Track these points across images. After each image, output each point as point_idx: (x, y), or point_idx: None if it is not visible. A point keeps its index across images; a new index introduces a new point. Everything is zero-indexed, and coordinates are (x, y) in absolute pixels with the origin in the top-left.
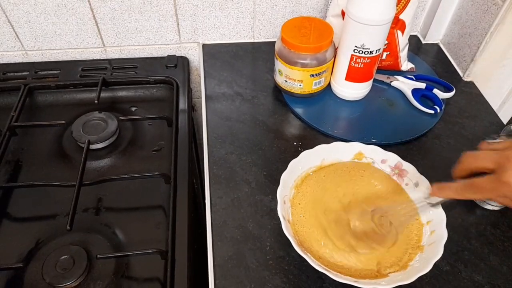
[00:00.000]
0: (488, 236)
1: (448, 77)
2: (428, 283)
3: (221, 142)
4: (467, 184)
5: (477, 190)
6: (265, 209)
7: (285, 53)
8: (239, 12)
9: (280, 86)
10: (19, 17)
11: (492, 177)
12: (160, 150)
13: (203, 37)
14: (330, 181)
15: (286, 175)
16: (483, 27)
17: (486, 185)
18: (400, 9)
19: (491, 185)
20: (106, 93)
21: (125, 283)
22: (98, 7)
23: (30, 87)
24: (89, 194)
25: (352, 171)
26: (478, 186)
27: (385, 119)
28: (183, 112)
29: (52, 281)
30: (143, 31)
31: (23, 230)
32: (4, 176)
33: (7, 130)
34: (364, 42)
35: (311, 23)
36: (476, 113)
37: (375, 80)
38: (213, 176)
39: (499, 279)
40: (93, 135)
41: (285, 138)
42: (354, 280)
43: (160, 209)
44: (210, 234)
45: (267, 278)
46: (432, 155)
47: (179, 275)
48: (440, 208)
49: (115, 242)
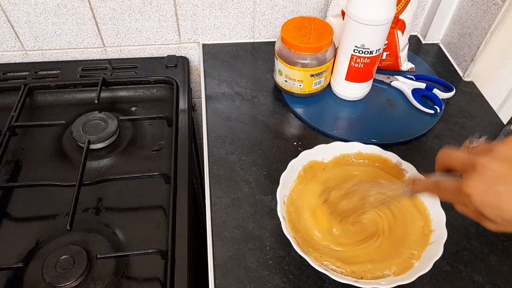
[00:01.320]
0: (488, 236)
1: (448, 77)
2: (428, 283)
3: (221, 142)
4: (435, 183)
5: (441, 192)
6: (265, 209)
7: (285, 53)
8: (239, 12)
9: (280, 86)
10: (19, 17)
11: (456, 182)
12: (160, 150)
13: (203, 37)
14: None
15: (285, 175)
16: (483, 27)
17: (449, 188)
18: (400, 9)
19: (452, 190)
20: (106, 93)
21: (125, 283)
22: (98, 7)
23: (30, 87)
24: (89, 194)
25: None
26: (442, 188)
27: (385, 119)
28: (183, 112)
29: (52, 281)
30: (143, 31)
31: (23, 230)
32: (4, 176)
33: (7, 130)
34: (364, 42)
35: (311, 23)
36: (476, 113)
37: (375, 80)
38: (213, 176)
39: (499, 279)
40: (93, 135)
41: (285, 138)
42: (354, 280)
43: (160, 209)
44: (210, 234)
45: (267, 278)
46: (432, 155)
47: (179, 275)
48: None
49: (115, 242)
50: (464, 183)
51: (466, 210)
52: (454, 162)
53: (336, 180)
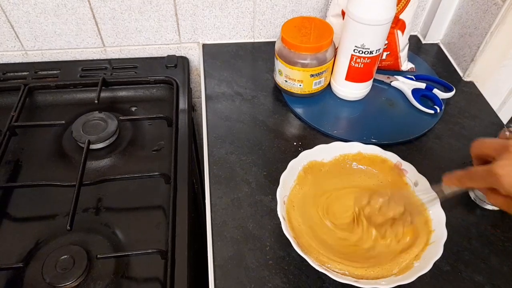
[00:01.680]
0: (489, 236)
1: (448, 77)
2: (428, 283)
3: (221, 142)
4: (466, 172)
5: (473, 178)
6: (265, 209)
7: (285, 53)
8: (239, 12)
9: (280, 86)
10: (19, 17)
11: (487, 166)
12: (160, 150)
13: (203, 37)
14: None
15: (285, 176)
16: (483, 27)
17: (480, 172)
18: (400, 9)
19: (483, 174)
20: (106, 93)
21: (125, 283)
22: (98, 7)
23: (30, 87)
24: (89, 194)
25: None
26: (473, 174)
27: (385, 119)
28: (183, 112)
29: (52, 281)
30: (143, 31)
31: (23, 230)
32: (4, 176)
33: (7, 130)
34: (364, 42)
35: (311, 23)
36: (476, 113)
37: (375, 80)
38: (213, 176)
39: (499, 280)
40: (93, 135)
41: (285, 138)
42: (354, 280)
43: (160, 209)
44: (210, 234)
45: (267, 278)
46: (433, 155)
47: (179, 275)
48: (439, 204)
49: (115, 242)
50: (495, 163)
51: (498, 198)
52: (488, 148)
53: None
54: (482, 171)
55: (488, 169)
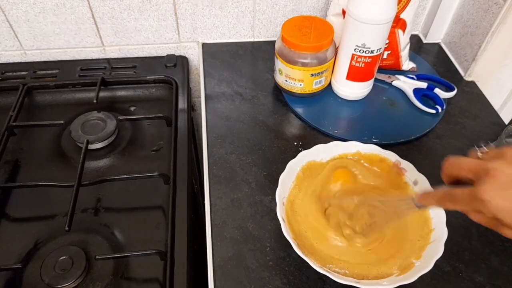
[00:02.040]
0: (489, 236)
1: (450, 77)
2: (429, 284)
3: (221, 142)
4: (447, 193)
5: (455, 202)
6: (265, 209)
7: (286, 53)
8: (239, 11)
9: (280, 85)
10: (17, 17)
11: (469, 189)
12: (159, 150)
13: (202, 36)
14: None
15: (284, 176)
16: (484, 27)
17: (462, 197)
18: (401, 8)
19: (466, 198)
20: (105, 92)
21: (124, 284)
22: (97, 6)
23: (28, 86)
24: (88, 194)
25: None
26: (455, 197)
27: (386, 119)
28: (183, 111)
29: (51, 281)
30: (142, 30)
31: (22, 230)
32: (3, 176)
33: (6, 130)
34: (365, 41)
35: (311, 22)
36: (477, 113)
37: (376, 79)
38: (212, 176)
39: (500, 280)
40: (92, 135)
41: (285, 138)
42: (355, 281)
43: (160, 210)
44: (209, 235)
45: (267, 279)
46: (433, 155)
47: (178, 276)
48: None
49: (114, 243)
50: (479, 188)
51: (482, 218)
52: (464, 169)
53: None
54: (465, 195)
55: (472, 194)
